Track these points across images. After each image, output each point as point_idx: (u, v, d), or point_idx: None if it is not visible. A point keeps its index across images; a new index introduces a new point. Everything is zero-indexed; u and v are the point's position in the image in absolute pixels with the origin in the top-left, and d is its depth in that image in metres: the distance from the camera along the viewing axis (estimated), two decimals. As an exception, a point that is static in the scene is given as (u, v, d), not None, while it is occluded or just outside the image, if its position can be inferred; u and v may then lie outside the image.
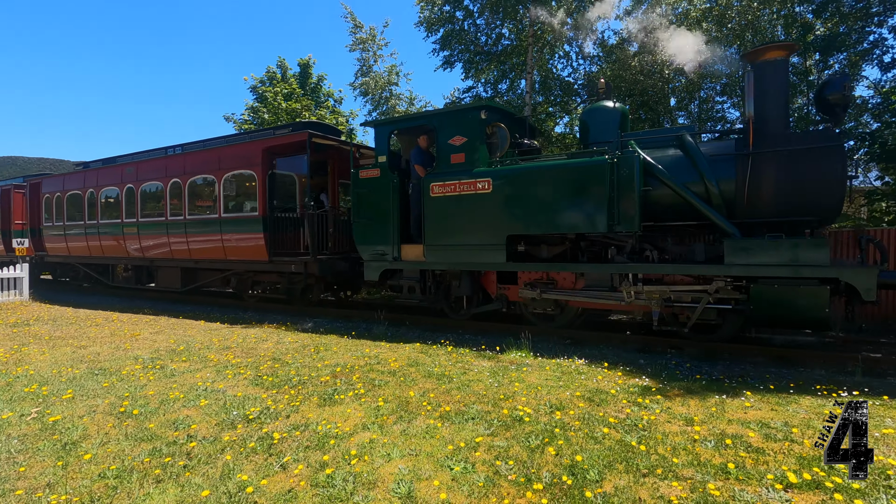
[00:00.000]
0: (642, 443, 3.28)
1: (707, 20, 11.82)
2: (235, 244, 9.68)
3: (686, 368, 5.43)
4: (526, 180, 6.59)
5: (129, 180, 11.61)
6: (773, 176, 5.62)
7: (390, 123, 7.96)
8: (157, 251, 11.17)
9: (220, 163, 9.90)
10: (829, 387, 4.57)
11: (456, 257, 7.13)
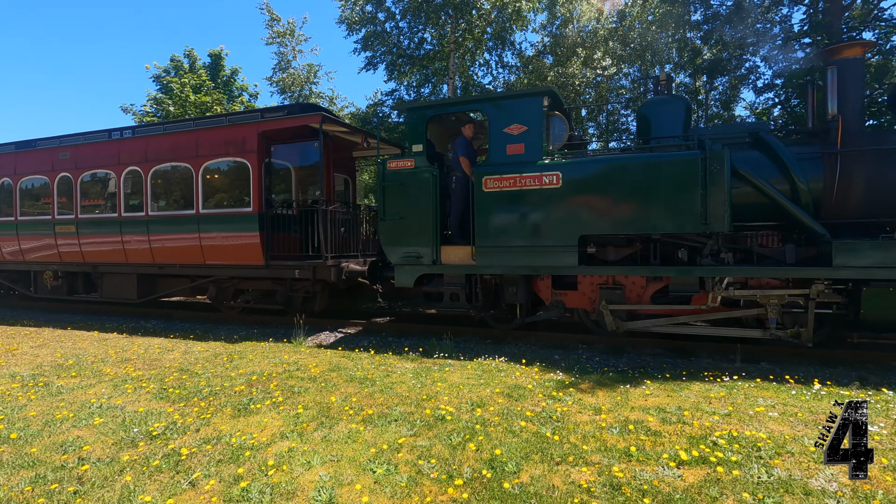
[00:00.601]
0: (556, 433, 3.48)
1: (613, 39, 12.77)
2: (219, 246, 8.14)
3: (596, 362, 5.82)
4: (603, 175, 5.93)
5: (64, 168, 9.53)
6: (864, 175, 5.46)
7: (429, 107, 6.99)
8: (103, 254, 9.27)
9: (199, 148, 8.28)
10: (714, 373, 5.13)
11: (514, 260, 6.33)
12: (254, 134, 7.94)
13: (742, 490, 2.67)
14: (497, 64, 15.79)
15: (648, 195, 5.73)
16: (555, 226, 6.13)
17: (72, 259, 9.63)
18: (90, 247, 9.37)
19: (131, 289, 9.25)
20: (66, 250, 9.64)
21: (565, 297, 6.62)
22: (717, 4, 11.80)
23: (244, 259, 8.03)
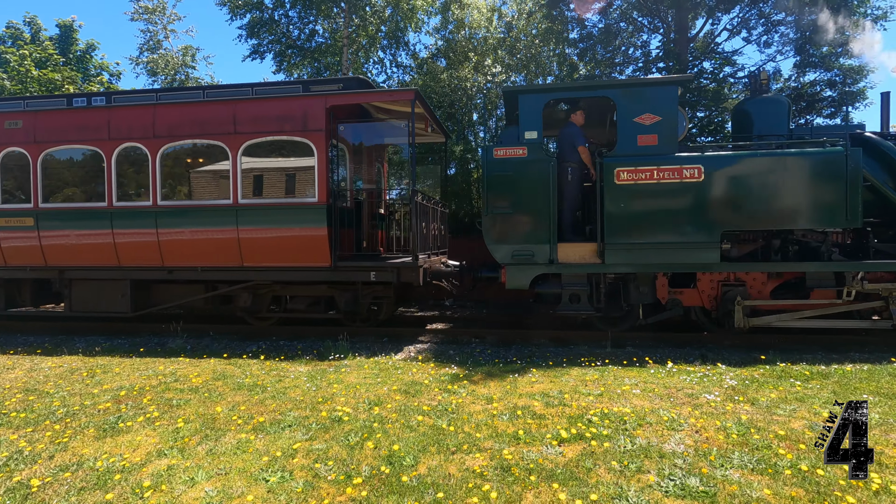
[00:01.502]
0: (452, 424, 3.63)
1: (502, 48, 13.49)
2: (267, 244, 6.76)
3: (488, 355, 6.14)
4: (748, 170, 5.85)
5: (17, 141, 7.40)
6: None
7: (546, 91, 6.52)
8: (79, 255, 7.27)
9: (238, 123, 6.83)
10: (590, 359, 5.70)
11: (649, 258, 6.06)
12: (320, 109, 6.62)
13: (612, 459, 3.03)
14: (391, 63, 15.82)
15: (792, 190, 5.80)
16: (695, 221, 5.95)
17: (22, 262, 7.44)
18: (56, 245, 7.27)
19: (121, 298, 7.30)
20: (12, 250, 7.43)
21: (682, 296, 6.47)
22: (590, 26, 13.05)
23: (303, 260, 6.75)
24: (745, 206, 5.87)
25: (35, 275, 7.55)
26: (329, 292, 7.21)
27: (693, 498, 2.59)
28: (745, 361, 5.45)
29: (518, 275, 6.34)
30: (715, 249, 5.94)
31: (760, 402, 4.04)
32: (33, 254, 7.32)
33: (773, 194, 5.82)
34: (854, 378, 4.70)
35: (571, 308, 6.40)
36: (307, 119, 6.67)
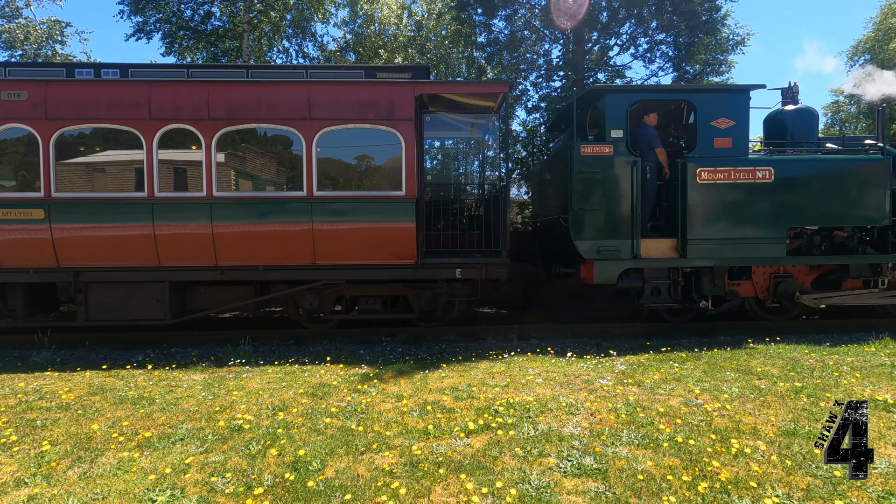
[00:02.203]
0: (361, 425, 3.57)
1: (412, 46, 13.51)
2: (345, 240, 6.21)
3: (399, 353, 6.12)
4: (809, 173, 6.53)
5: (21, 116, 5.97)
6: None
7: (632, 92, 6.72)
8: (103, 253, 6.12)
9: (312, 108, 6.15)
10: (498, 352, 5.92)
11: (725, 252, 6.50)
12: (409, 97, 6.20)
13: (516, 446, 3.17)
14: (297, 53, 15.16)
15: (844, 192, 6.54)
16: (765, 219, 6.47)
17: (22, 262, 6.11)
18: (74, 243, 6.06)
19: (155, 303, 6.30)
20: (9, 248, 6.05)
21: (739, 287, 6.93)
22: (496, 31, 13.53)
23: (385, 257, 6.33)
24: (807, 205, 6.57)
25: (38, 278, 6.23)
26: (403, 291, 6.86)
27: (588, 476, 2.80)
28: (633, 348, 5.98)
29: (606, 269, 6.56)
30: (782, 244, 6.55)
31: (645, 383, 4.46)
32: (41, 252, 6.04)
33: (830, 195, 6.58)
34: (720, 358, 5.37)
35: (653, 301, 6.81)
36: (394, 107, 6.22)
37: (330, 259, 6.34)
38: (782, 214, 6.54)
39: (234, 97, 6.18)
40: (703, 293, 6.86)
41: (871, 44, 22.14)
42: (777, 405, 3.86)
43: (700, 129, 6.59)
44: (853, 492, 2.60)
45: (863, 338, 6.33)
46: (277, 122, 6.23)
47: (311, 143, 6.20)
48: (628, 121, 6.54)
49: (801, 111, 7.36)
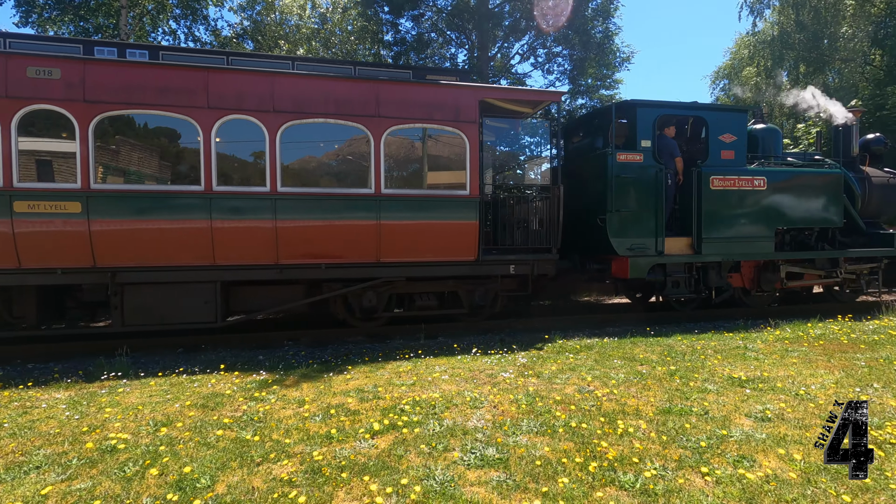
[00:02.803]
0: (258, 434, 3.34)
1: (316, 39, 13.04)
2: (411, 237, 6.35)
3: (302, 356, 5.86)
4: (792, 182, 7.74)
5: (55, 96, 5.32)
6: (878, 193, 8.54)
7: (658, 107, 7.38)
8: (148, 251, 5.66)
9: (381, 106, 6.19)
10: (405, 351, 5.89)
11: (731, 249, 7.47)
12: (473, 101, 6.47)
13: (421, 443, 3.17)
14: (187, 37, 13.92)
15: (816, 197, 7.82)
16: (760, 220, 7.57)
17: (52, 262, 5.49)
18: (115, 239, 5.56)
19: (204, 305, 5.96)
20: (37, 245, 5.39)
21: (732, 279, 7.86)
22: (404, 31, 13.54)
23: (447, 254, 6.48)
24: (788, 209, 7.76)
25: (67, 279, 5.60)
26: (455, 287, 7.00)
27: (490, 466, 2.87)
28: (533, 342, 6.29)
29: (639, 264, 7.24)
30: (771, 242, 7.72)
31: (544, 374, 4.71)
32: (75, 251, 5.45)
33: (807, 200, 7.85)
34: (609, 348, 5.83)
35: (674, 292, 7.64)
36: (459, 109, 6.43)
37: (394, 256, 6.37)
38: (772, 216, 7.71)
39: (302, 90, 6.04)
40: (709, 285, 7.78)
41: (729, 70, 25.55)
42: (655, 387, 4.28)
43: (711, 143, 7.53)
44: (715, 459, 2.95)
45: (723, 325, 7.25)
46: (346, 118, 6.15)
47: (379, 140, 6.20)
48: (655, 132, 7.33)
49: (769, 129, 8.59)
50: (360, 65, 6.89)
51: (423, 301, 7.04)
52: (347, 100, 6.15)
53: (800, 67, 21.13)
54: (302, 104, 6.02)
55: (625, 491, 2.60)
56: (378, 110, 6.21)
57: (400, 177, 6.63)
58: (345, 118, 6.15)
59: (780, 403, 3.82)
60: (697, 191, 7.38)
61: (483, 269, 6.79)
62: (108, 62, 5.73)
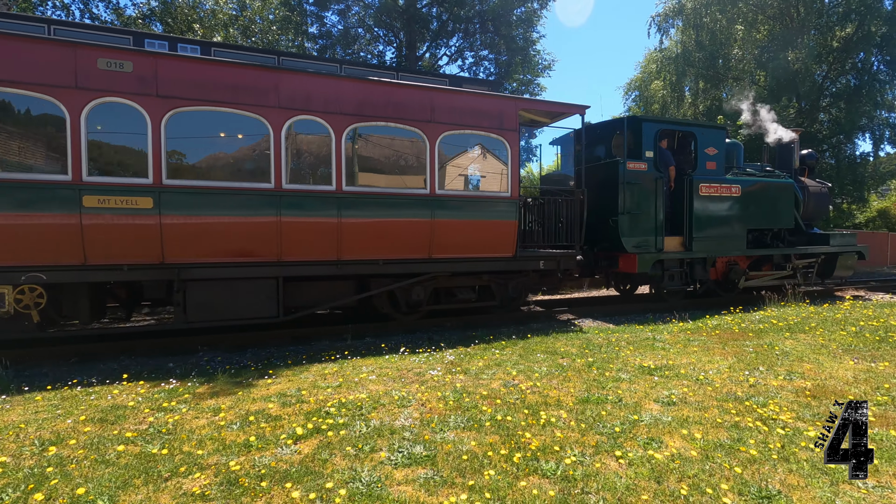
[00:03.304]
0: (166, 447, 3.08)
1: (234, 26, 12.32)
2: (459, 235, 6.75)
3: (218, 362, 5.50)
4: (758, 189, 9.01)
5: (122, 89, 5.19)
6: (813, 200, 10.07)
7: (659, 122, 8.56)
8: (216, 247, 5.65)
9: (435, 113, 6.53)
10: (331, 353, 5.72)
11: (713, 246, 8.60)
12: (514, 111, 7.08)
13: (347, 445, 3.09)
14: (83, 13, 12.57)
15: (774, 203, 9.15)
16: (735, 222, 8.77)
17: (119, 258, 5.31)
18: (184, 235, 5.47)
19: (266, 300, 6.01)
20: (106, 240, 5.20)
21: (709, 273, 8.93)
22: (329, 25, 13.18)
23: (489, 250, 7.04)
24: (756, 213, 9.01)
25: (132, 276, 5.54)
26: (489, 281, 7.49)
27: (418, 464, 2.86)
28: (461, 339, 6.37)
29: (645, 260, 8.10)
30: (743, 241, 8.97)
31: (471, 370, 4.78)
32: (145, 247, 5.44)
33: (769, 205, 9.18)
34: (533, 342, 6.05)
35: (670, 285, 8.63)
36: (503, 118, 6.94)
37: (444, 252, 6.76)
38: (744, 219, 8.94)
39: (364, 94, 6.28)
40: (695, 278, 8.86)
41: (640, 83, 27.53)
42: (575, 378, 4.49)
43: (699, 155, 8.62)
44: (628, 442, 3.15)
45: (635, 319, 7.79)
46: (404, 122, 6.48)
47: (434, 144, 6.63)
48: (657, 144, 8.28)
49: (734, 143, 9.88)
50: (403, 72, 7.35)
51: (463, 294, 7.55)
52: (406, 105, 6.51)
53: (699, 83, 23.28)
54: (365, 107, 6.31)
55: (547, 479, 2.70)
56: (433, 116, 6.64)
57: (453, 178, 7.00)
58: (403, 122, 6.52)
59: (683, 388, 4.17)
60: (689, 196, 8.46)
61: (518, 265, 7.33)
62: (182, 58, 5.72)
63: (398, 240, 6.52)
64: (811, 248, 9.76)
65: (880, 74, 20.23)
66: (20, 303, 5.21)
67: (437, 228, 6.64)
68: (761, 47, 21.17)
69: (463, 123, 6.82)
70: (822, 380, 4.39)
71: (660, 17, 22.94)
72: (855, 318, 6.95)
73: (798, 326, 6.53)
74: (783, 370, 4.67)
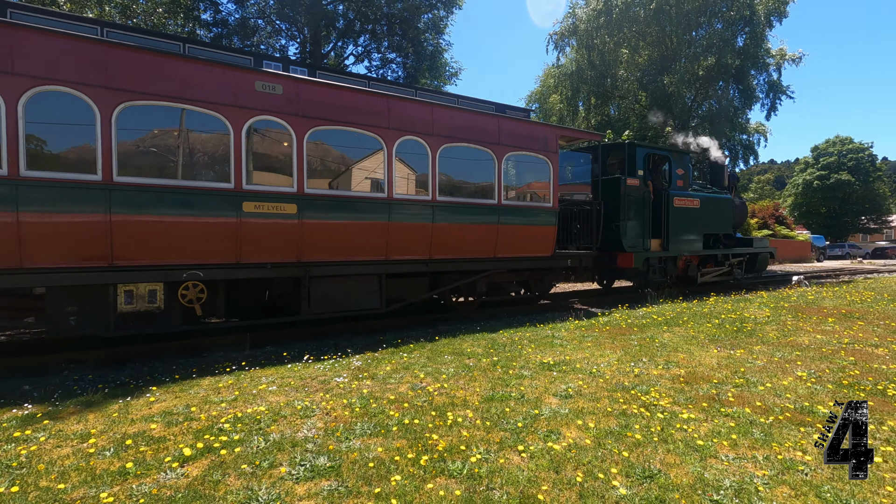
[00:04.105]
0: (17, 484, 2.63)
1: (110, 4, 11.02)
2: (516, 237, 8.21)
3: (88, 381, 4.84)
4: (709, 202, 11.33)
5: (271, 108, 5.97)
6: (739, 211, 12.70)
7: (647, 147, 10.80)
8: (338, 247, 6.59)
9: (501, 136, 7.91)
10: (225, 364, 5.30)
11: (683, 247, 10.88)
12: (554, 136, 8.64)
13: (243, 463, 2.87)
14: None
15: (717, 214, 11.60)
16: (695, 228, 11.03)
17: (266, 257, 6.05)
18: (317, 237, 6.37)
19: (372, 294, 6.93)
20: (259, 241, 5.96)
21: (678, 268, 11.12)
22: (225, 13, 12.30)
23: (536, 250, 8.45)
24: (709, 221, 11.40)
25: (274, 273, 6.18)
26: (528, 276, 8.86)
27: (321, 476, 2.74)
28: (369, 345, 6.25)
29: (639, 257, 9.96)
30: (700, 243, 11.31)
31: (379, 375, 4.70)
32: (287, 247, 6.18)
33: (715, 215, 11.58)
34: (440, 345, 6.10)
35: (653, 277, 10.50)
36: (547, 142, 8.46)
37: (504, 252, 8.08)
38: (702, 225, 11.25)
39: (449, 119, 7.45)
40: (668, 273, 10.88)
41: (539, 95, 29.21)
42: (481, 378, 4.60)
43: (672, 174, 10.83)
44: (530, 436, 3.29)
45: (537, 318, 8.21)
46: (481, 144, 7.73)
47: (501, 161, 7.92)
48: (646, 164, 10.35)
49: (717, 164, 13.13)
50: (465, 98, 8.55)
51: (510, 287, 9.05)
52: (481, 129, 7.77)
53: (591, 99, 25.28)
54: (452, 130, 7.47)
55: (453, 479, 2.72)
56: (500, 139, 7.93)
57: (512, 191, 8.50)
58: (480, 144, 7.74)
59: (578, 381, 4.45)
60: (666, 206, 10.49)
61: (554, 262, 8.80)
62: (319, 84, 6.46)
63: (475, 242, 7.79)
64: (742, 249, 12.47)
65: (735, 101, 23.48)
66: (185, 298, 5.72)
67: (501, 232, 8.00)
68: (642, 70, 23.54)
69: (521, 146, 8.24)
70: (692, 367, 4.94)
71: (557, 35, 24.57)
72: (718, 312, 7.94)
73: (674, 321, 7.30)
74: (662, 360, 5.19)
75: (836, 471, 2.83)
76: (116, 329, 5.36)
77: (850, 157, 42.71)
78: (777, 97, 23.80)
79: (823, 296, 9.92)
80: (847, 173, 42.87)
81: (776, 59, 23.46)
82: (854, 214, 44.76)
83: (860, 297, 9.55)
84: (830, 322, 7.08)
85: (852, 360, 5.16)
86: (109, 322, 5.31)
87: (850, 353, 5.40)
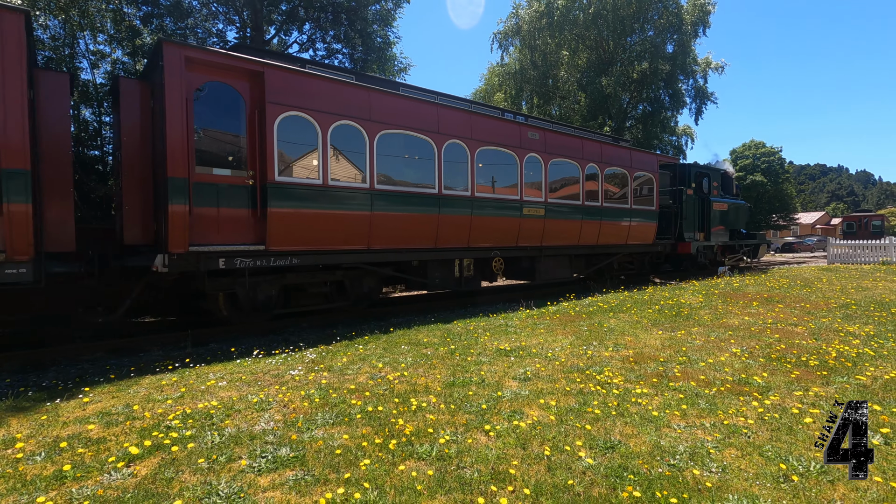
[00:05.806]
0: (-70, 496, 2.33)
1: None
2: (620, 232, 11.46)
3: (7, 385, 4.37)
4: (732, 206, 15.05)
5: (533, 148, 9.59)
6: (745, 213, 16.28)
7: (696, 167, 14.08)
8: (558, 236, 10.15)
9: (632, 161, 11.72)
10: (167, 363, 4.96)
11: (717, 239, 14.27)
12: (655, 162, 12.58)
13: (198, 458, 2.69)
14: None
15: (739, 215, 15.42)
16: (727, 224, 14.66)
17: (525, 242, 9.58)
18: (549, 229, 9.90)
19: (567, 268, 10.63)
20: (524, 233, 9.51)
21: None
22: (157, -8, 11.47)
23: (641, 240, 12.09)
24: (733, 220, 15.01)
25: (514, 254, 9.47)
26: (632, 258, 12.65)
27: (285, 466, 2.62)
28: (322, 338, 6.07)
29: (694, 246, 13.21)
30: (728, 236, 14.77)
31: (335, 367, 4.58)
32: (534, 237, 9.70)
33: (737, 215, 15.33)
34: (396, 336, 6.04)
35: (700, 261, 13.96)
36: (653, 164, 12.39)
37: (631, 241, 11.81)
38: (728, 223, 14.72)
39: (604, 152, 11.17)
40: (709, 257, 14.29)
41: (484, 93, 29.57)
42: (440, 365, 4.60)
43: (710, 186, 14.21)
44: (494, 417, 3.32)
45: (487, 309, 8.32)
46: (619, 165, 11.46)
47: (632, 179, 11.70)
48: (699, 179, 13.88)
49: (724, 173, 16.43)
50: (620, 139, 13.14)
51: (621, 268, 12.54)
52: (622, 157, 11.49)
53: (534, 99, 25.93)
54: (604, 159, 11.02)
55: (423, 461, 2.70)
56: (631, 163, 11.68)
57: (636, 198, 11.85)
58: (619, 166, 11.39)
59: (536, 365, 4.56)
60: (708, 209, 13.89)
61: (653, 248, 12.53)
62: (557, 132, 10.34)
63: (616, 233, 11.36)
64: (750, 241, 16.12)
65: (665, 104, 24.95)
66: (494, 266, 9.20)
67: (631, 227, 11.68)
68: (582, 72, 24.44)
69: (641, 168, 11.92)
70: (639, 348, 5.20)
71: (500, 34, 24.98)
72: (657, 300, 8.40)
73: (618, 308, 7.65)
74: (611, 343, 5.42)
75: (775, 432, 3.07)
76: (455, 286, 8.82)
77: (763, 160, 46.57)
78: (703, 102, 25.52)
79: (747, 283, 10.77)
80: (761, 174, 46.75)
81: (702, 67, 25.13)
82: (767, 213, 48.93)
83: (777, 284, 10.46)
84: (755, 305, 7.69)
85: (777, 337, 5.63)
86: (459, 281, 8.78)
87: (774, 332, 5.89)
